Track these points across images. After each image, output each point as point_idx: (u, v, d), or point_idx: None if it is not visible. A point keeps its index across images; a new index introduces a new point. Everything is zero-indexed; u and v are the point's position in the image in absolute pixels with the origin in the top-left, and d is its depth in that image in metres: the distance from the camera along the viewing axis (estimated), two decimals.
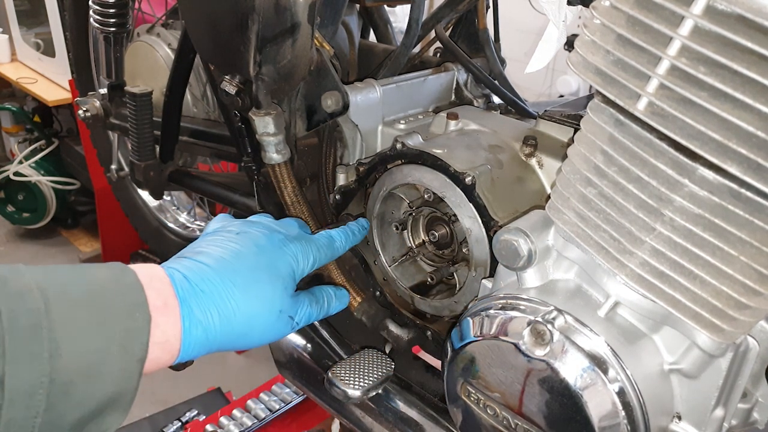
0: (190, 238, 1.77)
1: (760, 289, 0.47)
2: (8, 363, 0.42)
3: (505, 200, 0.72)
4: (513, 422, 0.60)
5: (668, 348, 0.56)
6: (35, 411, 0.44)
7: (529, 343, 0.55)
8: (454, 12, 1.02)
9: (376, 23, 1.31)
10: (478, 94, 1.05)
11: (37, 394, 0.44)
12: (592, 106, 0.53)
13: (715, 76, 0.43)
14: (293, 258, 0.66)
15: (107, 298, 0.50)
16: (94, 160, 2.02)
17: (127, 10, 1.33)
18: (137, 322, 0.51)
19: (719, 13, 0.42)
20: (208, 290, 0.57)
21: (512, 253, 0.59)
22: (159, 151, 1.26)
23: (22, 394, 0.43)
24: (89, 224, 3.21)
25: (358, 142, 0.91)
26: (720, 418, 0.56)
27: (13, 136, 3.23)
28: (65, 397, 0.45)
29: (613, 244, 0.53)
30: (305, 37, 0.82)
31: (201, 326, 0.56)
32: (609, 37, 0.48)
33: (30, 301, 0.45)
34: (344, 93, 0.86)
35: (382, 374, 0.80)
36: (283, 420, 1.41)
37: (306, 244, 0.69)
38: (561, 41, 0.93)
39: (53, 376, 0.44)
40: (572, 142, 0.56)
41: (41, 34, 3.04)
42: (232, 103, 0.88)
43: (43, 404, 0.44)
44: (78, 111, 1.37)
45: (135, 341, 0.50)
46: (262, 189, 1.00)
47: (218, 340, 0.58)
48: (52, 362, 0.44)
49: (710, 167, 0.45)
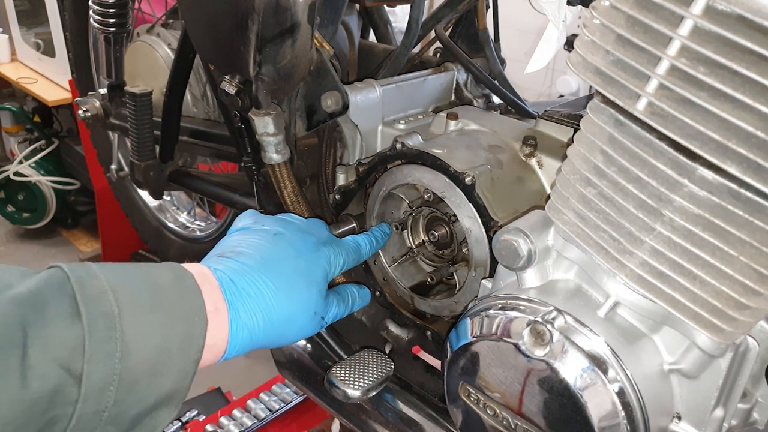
0: (190, 238, 1.77)
1: (759, 289, 0.47)
2: (86, 362, 0.46)
3: (505, 200, 0.72)
4: (513, 422, 0.60)
5: (668, 348, 0.56)
6: (104, 406, 0.47)
7: (529, 344, 0.55)
8: (454, 12, 1.02)
9: (376, 23, 1.31)
10: (478, 94, 1.05)
11: (107, 390, 0.47)
12: (592, 106, 0.53)
13: (715, 76, 0.43)
14: (327, 261, 0.69)
15: (170, 302, 0.53)
16: (94, 160, 2.02)
17: (127, 10, 1.33)
18: (196, 326, 0.54)
19: (719, 13, 0.42)
20: (253, 293, 0.60)
21: (512, 253, 0.59)
22: (159, 151, 1.26)
23: (95, 390, 0.46)
24: (89, 224, 3.21)
25: (357, 142, 0.91)
26: (720, 418, 0.56)
27: (13, 136, 3.23)
28: (129, 394, 0.49)
29: (612, 244, 0.53)
30: (305, 37, 0.82)
31: (247, 329, 0.59)
32: (609, 37, 0.48)
33: (105, 304, 0.49)
34: (344, 93, 0.86)
35: (382, 374, 0.80)
36: (283, 420, 1.41)
37: (337, 248, 0.72)
38: (561, 41, 0.93)
39: (122, 374, 0.48)
40: (572, 142, 0.56)
41: (41, 34, 3.04)
42: (232, 103, 0.88)
43: (111, 400, 0.47)
44: (78, 111, 1.37)
45: (193, 343, 0.53)
46: (262, 189, 1.00)
47: (260, 341, 0.61)
48: (123, 362, 0.48)
49: (710, 167, 0.45)
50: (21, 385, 0.43)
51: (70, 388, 0.45)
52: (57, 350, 0.45)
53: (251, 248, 0.65)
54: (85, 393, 0.46)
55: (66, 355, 0.45)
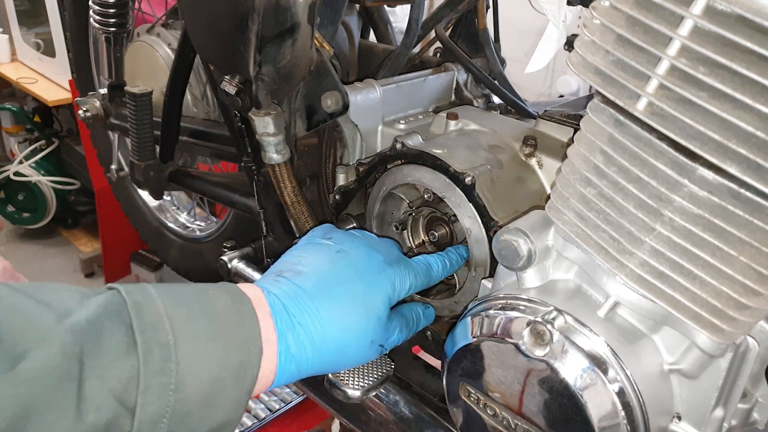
0: (190, 238, 1.77)
1: (759, 289, 0.47)
2: (140, 394, 0.45)
3: (505, 200, 0.72)
4: (513, 422, 0.60)
5: (668, 348, 0.56)
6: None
7: (529, 344, 0.55)
8: (454, 12, 1.02)
9: (376, 23, 1.31)
10: (478, 94, 1.05)
11: (160, 423, 0.46)
12: (592, 106, 0.53)
13: (715, 76, 0.43)
14: (390, 285, 0.64)
15: (227, 330, 0.52)
16: (94, 160, 2.02)
17: (127, 10, 1.33)
18: (251, 356, 0.52)
19: (719, 13, 0.42)
20: (305, 323, 0.57)
21: (512, 253, 0.59)
22: (159, 151, 1.26)
23: (148, 423, 0.46)
24: (89, 224, 3.21)
25: (358, 142, 0.91)
26: (720, 418, 0.56)
27: (13, 136, 3.23)
28: (181, 425, 0.48)
29: (612, 244, 0.53)
30: (305, 37, 0.82)
31: (295, 361, 0.57)
32: (609, 37, 0.48)
33: (161, 334, 0.48)
34: (344, 93, 0.86)
35: (382, 374, 0.80)
36: (283, 420, 1.41)
37: (404, 268, 0.67)
38: (561, 41, 0.93)
39: (176, 406, 0.47)
40: (572, 142, 0.56)
41: (41, 34, 3.04)
42: (232, 103, 0.88)
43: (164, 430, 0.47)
44: (78, 111, 1.37)
45: (247, 374, 0.52)
46: (262, 189, 1.00)
47: (308, 370, 0.59)
48: (177, 394, 0.47)
49: (710, 167, 0.45)
50: (76, 418, 0.42)
51: (124, 420, 0.45)
52: (112, 382, 0.44)
53: (309, 267, 0.61)
54: (138, 426, 0.45)
55: (121, 386, 0.45)
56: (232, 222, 1.53)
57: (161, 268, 2.66)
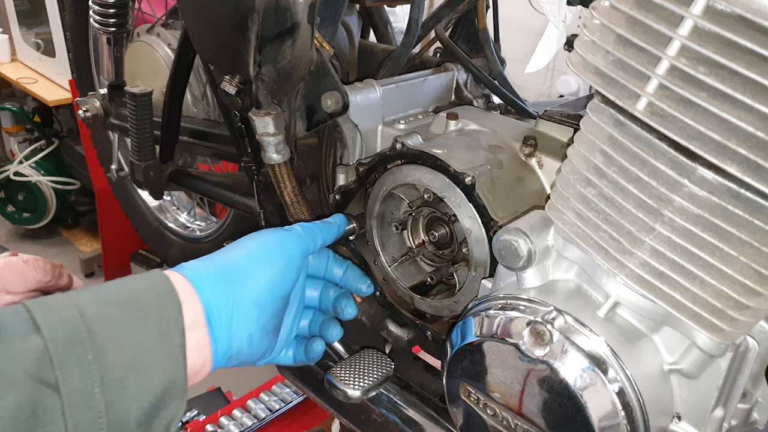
0: (190, 238, 1.77)
1: (759, 289, 0.47)
2: (57, 368, 0.44)
3: (505, 200, 0.72)
4: (513, 422, 0.60)
5: (668, 348, 0.56)
6: (97, 410, 0.46)
7: (529, 344, 0.55)
8: (454, 12, 1.02)
9: (376, 23, 1.31)
10: (478, 94, 1.05)
11: (93, 393, 0.45)
12: (592, 106, 0.53)
13: (715, 76, 0.43)
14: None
15: (137, 293, 0.52)
16: (94, 160, 2.02)
17: (127, 10, 1.33)
18: (169, 309, 0.52)
19: (719, 13, 0.42)
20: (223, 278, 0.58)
21: (512, 253, 0.59)
22: (159, 151, 1.26)
23: (79, 395, 0.45)
24: (89, 224, 3.21)
25: (357, 142, 0.91)
26: (720, 418, 0.56)
27: (13, 136, 3.23)
28: (122, 393, 0.47)
29: (612, 244, 0.53)
30: (305, 37, 0.82)
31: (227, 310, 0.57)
32: (609, 37, 0.48)
33: (64, 311, 0.47)
34: (344, 93, 0.86)
35: (382, 374, 0.80)
36: (283, 420, 1.41)
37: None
38: (561, 41, 0.93)
39: (103, 373, 0.46)
40: (572, 142, 0.56)
41: (41, 34, 3.04)
42: (232, 103, 0.88)
43: (102, 403, 0.46)
44: (78, 111, 1.37)
45: (172, 328, 0.51)
46: (262, 189, 1.00)
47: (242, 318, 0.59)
48: (99, 361, 0.46)
49: (710, 167, 0.45)
50: None
51: (51, 399, 0.44)
52: (23, 362, 0.43)
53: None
54: (69, 400, 0.44)
55: (33, 365, 0.44)
56: (232, 222, 1.53)
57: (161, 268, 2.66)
